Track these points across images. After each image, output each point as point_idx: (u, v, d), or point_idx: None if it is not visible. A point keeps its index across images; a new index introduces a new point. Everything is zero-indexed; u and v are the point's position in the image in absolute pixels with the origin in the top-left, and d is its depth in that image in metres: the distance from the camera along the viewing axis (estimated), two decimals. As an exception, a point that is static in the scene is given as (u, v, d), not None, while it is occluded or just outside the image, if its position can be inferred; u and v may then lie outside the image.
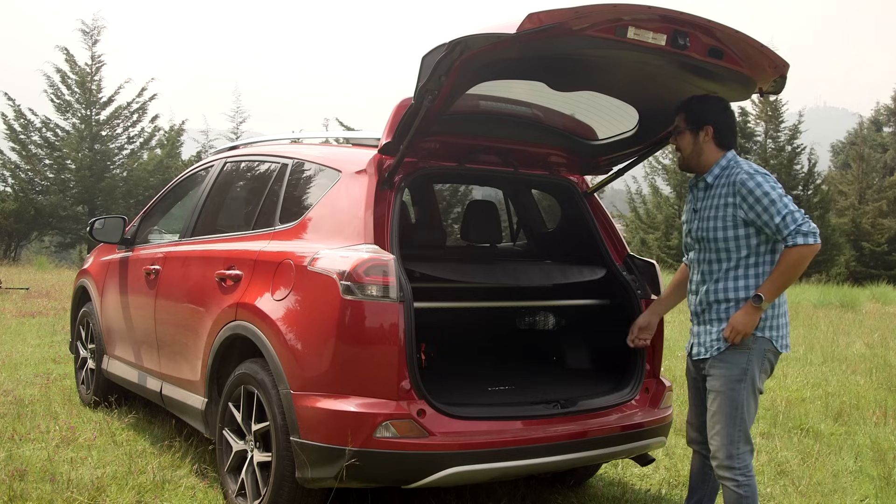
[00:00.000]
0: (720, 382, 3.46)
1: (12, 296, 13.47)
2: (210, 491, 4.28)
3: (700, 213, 3.56)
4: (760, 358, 3.46)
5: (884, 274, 29.25)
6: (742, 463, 3.42)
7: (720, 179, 3.50)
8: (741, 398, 3.42)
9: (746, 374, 3.43)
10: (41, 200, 26.16)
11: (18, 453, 4.78)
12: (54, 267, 22.06)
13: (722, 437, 3.43)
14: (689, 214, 3.68)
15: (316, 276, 3.59)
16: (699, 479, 3.79)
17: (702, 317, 3.56)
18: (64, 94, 26.74)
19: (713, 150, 3.54)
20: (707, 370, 3.54)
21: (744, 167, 3.45)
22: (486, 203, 5.37)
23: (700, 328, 3.58)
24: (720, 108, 3.59)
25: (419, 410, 3.43)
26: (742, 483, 3.41)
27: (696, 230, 3.58)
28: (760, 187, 3.36)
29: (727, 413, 3.43)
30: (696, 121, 3.54)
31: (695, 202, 3.63)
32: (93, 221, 5.77)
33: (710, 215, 3.50)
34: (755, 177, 3.38)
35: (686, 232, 3.69)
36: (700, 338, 3.57)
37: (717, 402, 3.46)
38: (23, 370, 7.35)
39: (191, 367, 4.50)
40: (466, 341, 5.04)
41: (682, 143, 3.58)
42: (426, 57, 3.28)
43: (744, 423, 3.43)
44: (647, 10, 3.14)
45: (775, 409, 6.79)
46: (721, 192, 3.47)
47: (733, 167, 3.49)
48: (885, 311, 17.01)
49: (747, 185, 3.38)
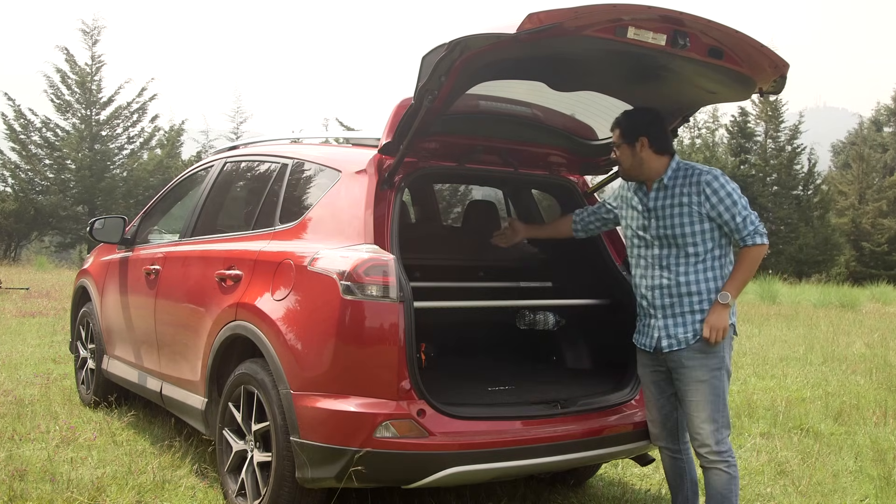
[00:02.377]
0: (700, 372, 3.58)
1: (12, 296, 13.48)
2: (210, 491, 4.28)
3: (657, 211, 3.68)
4: (729, 343, 3.64)
5: (884, 274, 29.27)
6: (727, 446, 3.59)
7: (677, 180, 3.65)
8: (722, 384, 3.60)
9: (724, 361, 3.60)
10: (41, 200, 26.18)
11: (18, 453, 4.78)
12: (54, 267, 22.08)
13: (709, 424, 3.56)
14: (634, 212, 3.80)
15: (316, 276, 3.59)
16: (676, 478, 3.87)
17: (669, 310, 3.65)
18: (64, 94, 26.78)
19: (654, 158, 3.69)
20: (681, 362, 3.61)
21: (703, 168, 3.64)
22: (486, 203, 5.37)
23: (667, 321, 3.66)
24: (650, 119, 3.74)
25: (419, 410, 3.42)
26: (731, 464, 3.58)
27: (655, 228, 3.69)
28: (724, 188, 3.55)
29: (711, 401, 3.56)
30: (631, 134, 3.68)
31: (647, 202, 3.73)
32: (93, 221, 5.76)
33: (674, 213, 3.63)
34: (719, 178, 3.58)
35: (636, 228, 3.79)
36: (669, 330, 3.65)
37: (700, 392, 3.57)
38: (23, 370, 7.35)
39: (191, 367, 4.50)
40: (466, 341, 5.04)
41: (621, 156, 3.74)
42: (426, 57, 3.29)
43: (725, 408, 3.61)
44: (647, 10, 3.14)
45: (775, 409, 6.78)
46: (683, 190, 3.62)
47: (688, 168, 3.66)
48: (885, 311, 17.03)
49: (712, 185, 3.55)
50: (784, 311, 15.33)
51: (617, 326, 4.24)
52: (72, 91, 26.83)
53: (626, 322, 4.14)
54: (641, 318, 3.81)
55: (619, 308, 4.27)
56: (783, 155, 30.91)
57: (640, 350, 3.81)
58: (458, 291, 4.80)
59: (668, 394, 3.76)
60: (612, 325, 4.31)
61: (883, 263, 31.52)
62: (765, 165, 30.64)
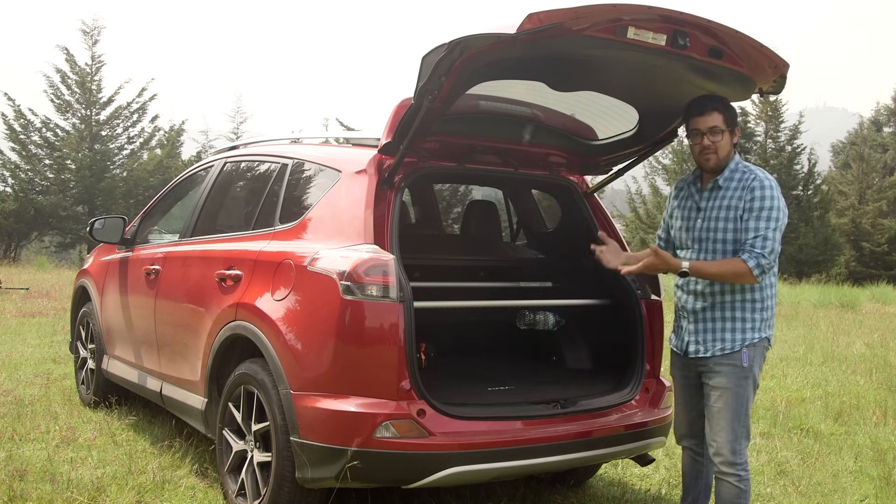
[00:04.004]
0: (727, 380, 3.49)
1: (12, 296, 13.47)
2: (210, 491, 4.28)
3: (705, 212, 3.56)
4: (761, 356, 3.53)
5: (884, 274, 29.26)
6: (743, 458, 3.49)
7: (730, 182, 3.52)
8: (747, 394, 3.49)
9: (751, 372, 3.49)
10: (41, 200, 26.17)
11: (18, 453, 4.78)
12: (54, 267, 22.07)
13: (727, 433, 3.47)
14: (684, 212, 3.66)
15: (316, 277, 3.59)
16: (692, 478, 3.82)
17: (702, 314, 3.56)
18: (64, 95, 26.75)
19: (732, 152, 3.57)
20: (710, 368, 3.54)
21: (760, 174, 3.48)
22: (486, 203, 5.37)
23: (699, 325, 3.57)
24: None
25: (419, 410, 3.43)
26: (743, 478, 3.48)
27: (698, 229, 3.57)
28: (764, 201, 3.40)
29: (734, 409, 3.47)
30: (733, 121, 3.53)
31: (697, 201, 3.62)
32: (93, 221, 5.76)
33: (720, 216, 3.51)
34: (767, 188, 3.42)
35: (679, 228, 3.67)
36: (698, 336, 3.56)
37: (724, 399, 3.49)
38: (23, 370, 7.35)
39: (191, 367, 4.50)
40: (466, 341, 5.04)
41: (721, 143, 3.50)
42: (426, 57, 3.28)
43: (747, 419, 3.51)
44: (647, 10, 3.14)
45: (775, 409, 6.78)
46: (733, 193, 3.49)
47: (744, 171, 3.52)
48: (885, 311, 17.02)
49: (756, 191, 3.42)
50: (784, 311, 15.32)
51: (617, 326, 4.24)
52: (72, 91, 26.81)
53: (626, 322, 4.14)
54: (677, 320, 3.73)
55: (619, 308, 4.27)
56: (783, 155, 30.89)
57: (673, 352, 3.76)
58: (458, 291, 4.80)
59: (698, 399, 3.67)
60: (612, 325, 4.31)
61: (883, 263, 31.50)
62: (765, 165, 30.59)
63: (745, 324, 3.48)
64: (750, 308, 3.48)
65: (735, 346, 3.47)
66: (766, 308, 3.52)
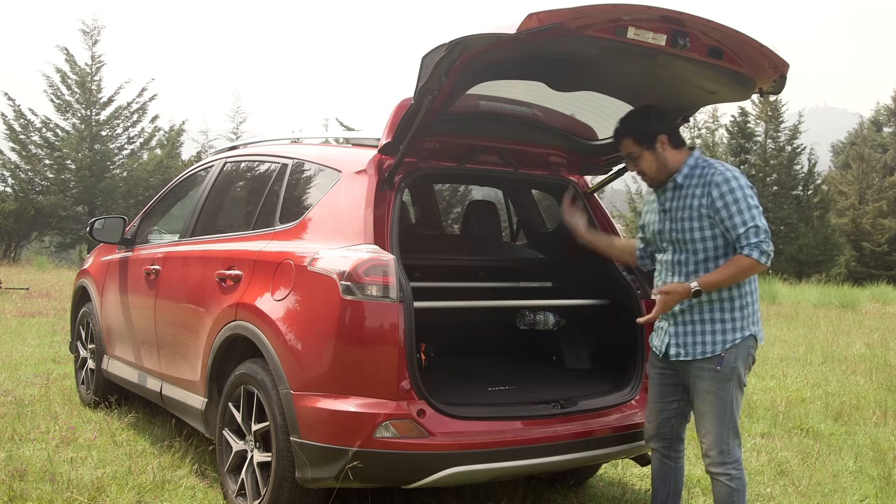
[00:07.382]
0: (709, 383, 3.46)
1: (12, 296, 13.48)
2: (210, 491, 4.28)
3: (671, 213, 3.55)
4: (745, 354, 3.48)
5: (884, 274, 29.27)
6: (733, 457, 3.46)
7: (691, 179, 3.50)
8: (730, 396, 3.45)
9: (734, 373, 3.45)
10: (41, 200, 26.17)
11: (18, 453, 4.78)
12: (54, 267, 22.08)
13: (713, 435, 3.46)
14: (655, 216, 3.65)
15: (316, 277, 3.59)
16: (660, 480, 3.78)
17: (680, 317, 3.52)
18: (64, 95, 26.76)
19: (674, 154, 3.54)
20: (691, 371, 3.51)
21: (718, 167, 3.45)
22: (486, 203, 5.37)
23: (679, 328, 3.53)
24: (655, 114, 3.62)
25: (419, 410, 3.42)
26: (734, 476, 3.46)
27: (669, 231, 3.56)
28: (733, 193, 3.36)
29: (718, 412, 3.44)
30: (648, 137, 3.54)
31: (662, 203, 3.60)
32: (93, 221, 5.76)
33: (685, 216, 3.48)
34: (730, 180, 3.38)
35: (654, 232, 3.66)
36: (679, 338, 3.52)
37: (708, 403, 3.47)
38: (23, 370, 7.35)
39: (191, 367, 4.50)
40: (466, 341, 5.04)
41: (644, 165, 3.55)
42: (426, 57, 3.28)
43: (733, 420, 3.47)
44: (647, 10, 3.14)
45: (775, 409, 6.79)
46: (695, 191, 3.46)
47: (704, 166, 3.49)
48: (885, 312, 17.03)
49: (721, 186, 3.38)
50: (784, 312, 15.32)
51: (617, 326, 4.24)
52: (72, 91, 26.82)
53: (626, 322, 4.13)
54: (658, 320, 3.68)
55: (619, 308, 4.27)
56: (783, 155, 30.88)
57: (652, 351, 3.74)
58: (458, 291, 4.80)
59: (671, 400, 3.66)
60: (612, 325, 4.30)
61: (883, 263, 31.50)
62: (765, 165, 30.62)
63: (724, 325, 3.45)
64: (728, 308, 3.45)
65: (716, 350, 3.44)
66: (746, 305, 3.47)
